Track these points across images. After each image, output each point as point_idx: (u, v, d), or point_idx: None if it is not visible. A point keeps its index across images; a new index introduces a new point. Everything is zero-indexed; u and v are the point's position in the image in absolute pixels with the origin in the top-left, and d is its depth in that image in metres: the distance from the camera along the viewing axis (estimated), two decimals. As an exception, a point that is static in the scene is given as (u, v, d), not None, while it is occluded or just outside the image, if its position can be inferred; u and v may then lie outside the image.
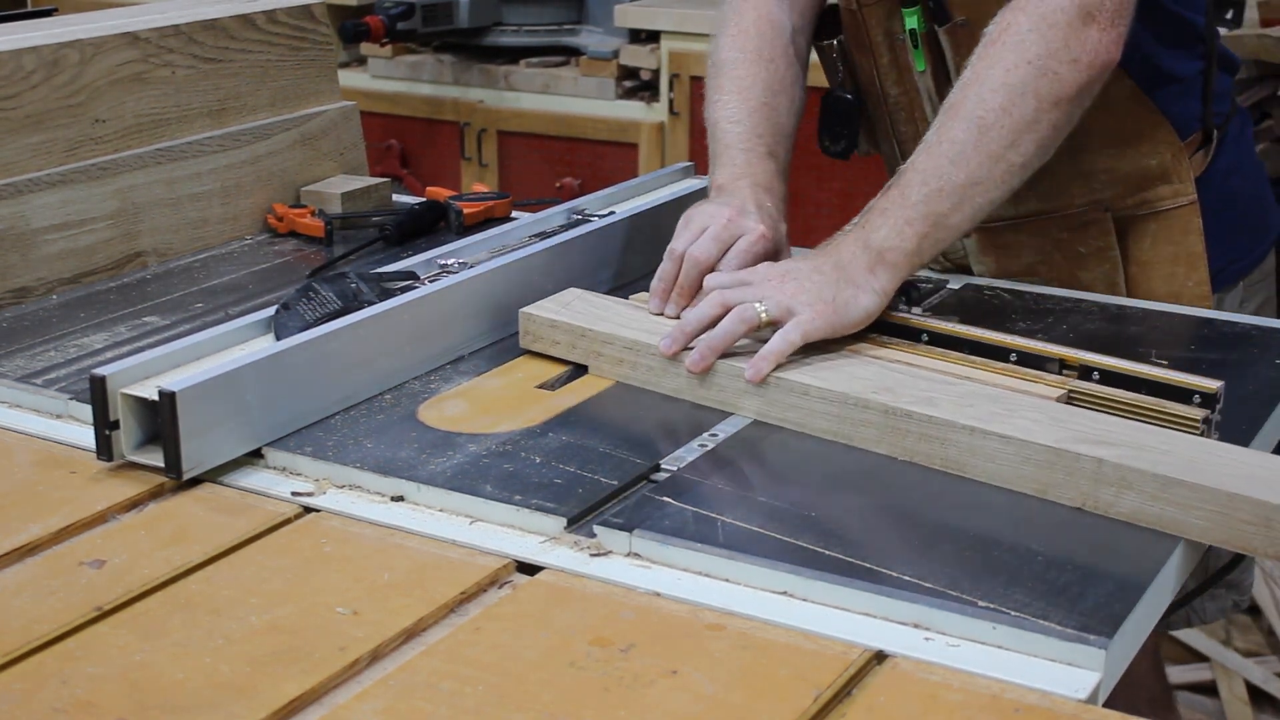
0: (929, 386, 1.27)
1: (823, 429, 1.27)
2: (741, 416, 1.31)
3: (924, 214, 1.36)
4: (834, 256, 1.37)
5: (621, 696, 0.93)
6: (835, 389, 1.26)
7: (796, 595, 1.05)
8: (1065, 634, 0.98)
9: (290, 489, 1.22)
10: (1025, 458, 1.17)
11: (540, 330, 1.45)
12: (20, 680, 0.95)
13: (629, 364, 1.38)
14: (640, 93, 3.55)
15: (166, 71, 1.84)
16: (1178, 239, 1.63)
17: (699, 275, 1.43)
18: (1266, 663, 2.70)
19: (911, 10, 1.61)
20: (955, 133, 1.38)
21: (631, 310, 1.46)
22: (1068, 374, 1.32)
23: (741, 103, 1.59)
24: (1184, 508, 1.10)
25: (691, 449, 1.26)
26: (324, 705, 0.94)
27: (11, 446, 1.31)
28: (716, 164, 1.57)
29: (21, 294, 1.65)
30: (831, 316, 1.33)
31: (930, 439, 1.22)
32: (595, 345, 1.40)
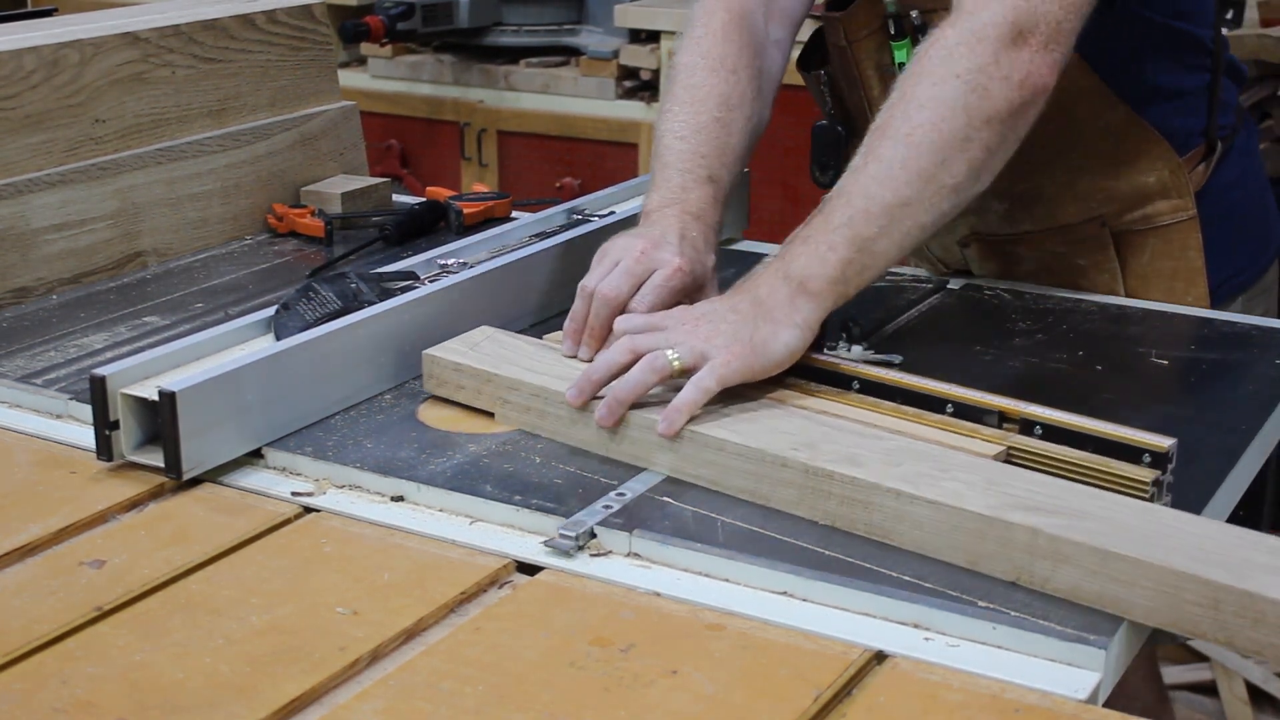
0: (855, 442, 1.16)
1: (739, 488, 1.17)
2: (654, 472, 1.21)
3: (848, 238, 1.25)
4: (752, 293, 1.26)
5: (621, 696, 0.93)
6: (753, 444, 1.16)
7: (796, 595, 1.05)
8: (1065, 634, 0.98)
9: (290, 489, 1.22)
10: (955, 525, 1.07)
11: (444, 374, 1.35)
12: (20, 680, 0.95)
13: (536, 412, 1.28)
14: (640, 93, 3.55)
15: (166, 71, 1.84)
16: (1176, 254, 1.62)
17: (610, 314, 1.33)
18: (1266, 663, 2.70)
19: (900, 44, 1.57)
20: (882, 151, 1.27)
21: (543, 352, 1.36)
22: (1008, 427, 1.21)
23: (691, 116, 1.49)
24: (1126, 585, 1.00)
25: (595, 510, 1.14)
26: (324, 705, 0.94)
27: (11, 446, 1.31)
28: (651, 185, 1.48)
29: (21, 294, 1.65)
30: (749, 358, 1.22)
31: (853, 502, 1.11)
32: (500, 391, 1.30)
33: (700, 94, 1.50)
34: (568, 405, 1.26)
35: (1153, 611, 0.99)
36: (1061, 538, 1.02)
